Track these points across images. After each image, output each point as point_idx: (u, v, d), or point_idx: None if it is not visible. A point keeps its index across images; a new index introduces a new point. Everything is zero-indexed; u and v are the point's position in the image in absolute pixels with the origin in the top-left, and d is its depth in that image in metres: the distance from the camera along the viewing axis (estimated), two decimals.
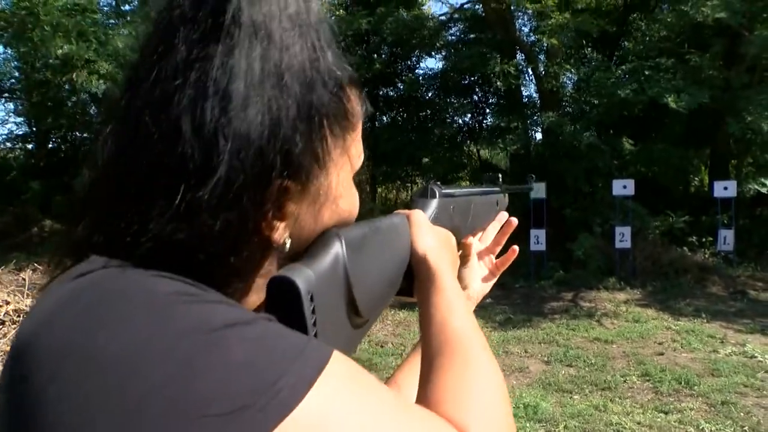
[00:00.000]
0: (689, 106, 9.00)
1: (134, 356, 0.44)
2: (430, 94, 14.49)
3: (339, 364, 0.51)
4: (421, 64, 18.59)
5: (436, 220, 0.88)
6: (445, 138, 13.90)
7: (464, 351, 0.67)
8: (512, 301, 8.67)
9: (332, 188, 0.64)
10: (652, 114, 10.69)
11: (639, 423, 4.44)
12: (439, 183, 0.96)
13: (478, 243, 1.12)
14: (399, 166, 14.05)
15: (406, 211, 0.84)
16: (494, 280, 1.12)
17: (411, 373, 0.93)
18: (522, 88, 12.71)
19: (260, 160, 0.53)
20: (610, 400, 4.89)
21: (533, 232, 9.59)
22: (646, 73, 9.76)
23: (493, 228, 1.16)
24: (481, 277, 1.10)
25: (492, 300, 8.71)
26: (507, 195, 1.22)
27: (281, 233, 0.59)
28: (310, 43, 0.58)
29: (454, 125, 14.34)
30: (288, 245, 0.60)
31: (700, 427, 4.37)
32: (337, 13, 14.15)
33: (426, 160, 14.37)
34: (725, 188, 9.35)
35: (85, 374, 0.44)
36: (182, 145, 0.52)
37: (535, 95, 13.27)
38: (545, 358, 6.08)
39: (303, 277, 0.57)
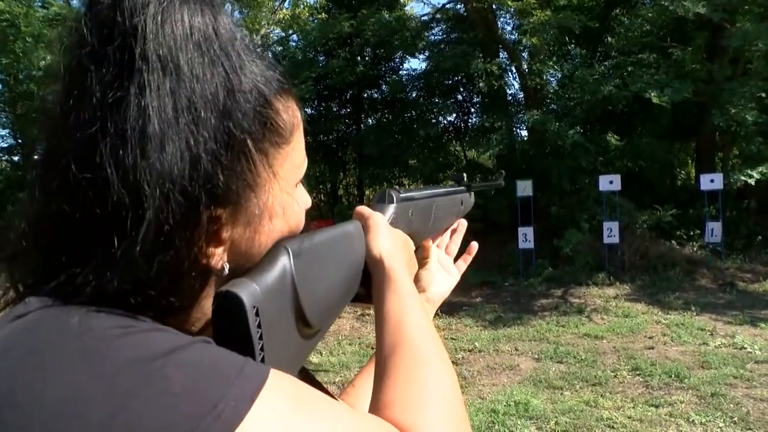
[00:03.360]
0: (672, 100, 9.06)
1: (74, 401, 0.44)
2: (414, 95, 14.51)
3: (277, 381, 0.51)
4: (405, 65, 18.66)
5: (394, 225, 0.88)
6: (430, 139, 13.93)
7: (417, 352, 0.67)
8: (502, 300, 8.68)
9: (268, 207, 0.62)
10: (637, 109, 10.74)
11: (630, 417, 4.45)
12: (397, 188, 0.96)
13: (436, 248, 1.11)
14: (385, 168, 14.05)
15: (365, 213, 0.84)
16: (455, 282, 1.10)
17: (369, 376, 0.93)
18: (506, 87, 12.75)
19: (185, 198, 0.53)
20: (601, 396, 4.90)
21: (521, 230, 9.63)
22: (629, 68, 9.84)
23: (451, 231, 1.16)
24: (440, 280, 1.09)
25: (482, 299, 8.74)
26: (473, 194, 1.21)
27: (218, 259, 0.59)
28: (221, 68, 0.56)
29: (439, 126, 14.36)
30: (227, 269, 0.60)
31: (691, 420, 4.38)
32: (319, 17, 14.19)
33: (412, 161, 14.38)
34: (712, 181, 9.41)
35: (26, 424, 0.44)
36: (111, 193, 0.51)
37: (519, 93, 13.33)
38: (536, 356, 6.09)
39: (247, 291, 0.57)
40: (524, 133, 12.74)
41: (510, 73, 12.75)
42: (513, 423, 4.38)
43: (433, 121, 14.24)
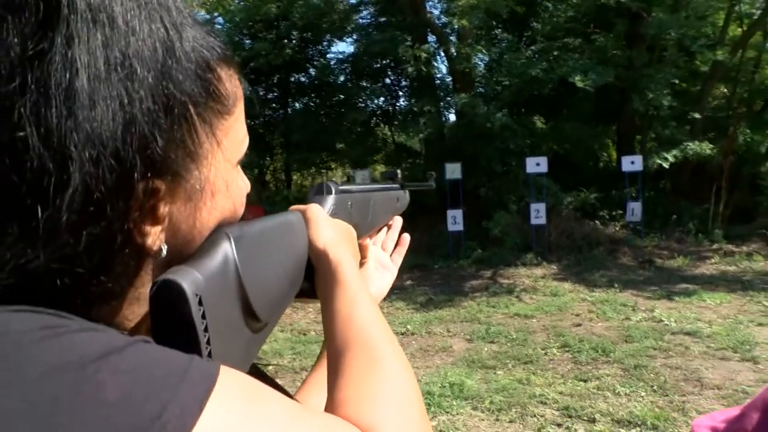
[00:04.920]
0: (596, 84, 9.40)
1: None
2: (342, 79, 14.46)
3: (228, 380, 0.47)
4: (333, 49, 18.55)
5: (335, 217, 0.85)
6: (358, 123, 13.92)
7: (370, 347, 0.65)
8: (433, 282, 8.82)
9: (210, 182, 0.58)
10: (562, 92, 11.07)
11: (561, 393, 4.62)
12: (335, 180, 0.94)
13: (373, 246, 1.08)
14: (313, 152, 13.97)
15: (302, 207, 0.80)
16: (393, 278, 1.08)
17: (321, 373, 0.92)
18: (434, 71, 12.86)
19: (118, 162, 0.47)
20: (533, 373, 5.07)
21: (450, 212, 9.77)
22: (555, 53, 10.12)
23: (387, 227, 1.14)
24: (379, 278, 1.06)
25: (413, 281, 8.85)
26: (408, 191, 1.20)
27: (155, 239, 0.53)
28: (159, 23, 0.52)
29: (368, 110, 14.37)
30: (164, 251, 0.55)
31: (617, 392, 4.60)
32: None
33: (340, 145, 14.36)
34: (632, 163, 9.83)
35: None
36: (31, 158, 0.45)
37: (447, 77, 13.47)
38: (468, 336, 6.23)
39: (188, 278, 0.52)
40: (452, 116, 12.93)
41: (438, 57, 12.87)
42: (449, 404, 4.48)
43: (362, 105, 14.25)
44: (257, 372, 0.71)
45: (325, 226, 0.78)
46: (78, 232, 0.47)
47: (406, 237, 1.14)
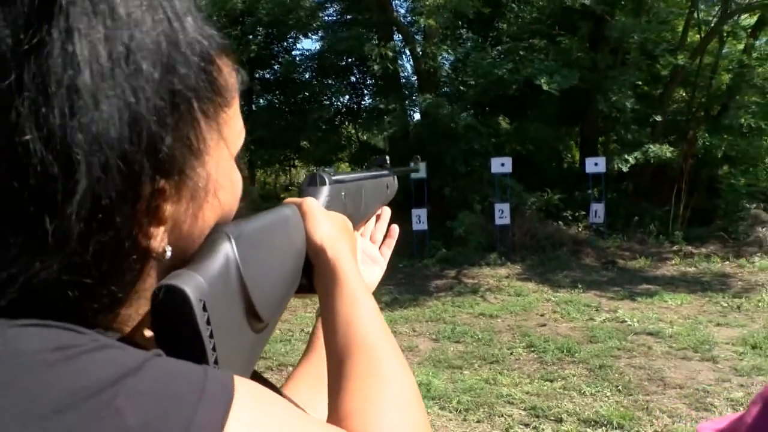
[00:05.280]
0: (561, 87, 9.50)
1: None
2: (307, 76, 14.39)
3: (243, 392, 0.46)
4: (298, 46, 18.44)
5: (329, 209, 0.83)
6: (323, 120, 13.87)
7: (372, 355, 0.63)
8: (397, 281, 8.81)
9: (213, 178, 0.55)
10: (527, 93, 11.17)
11: (527, 393, 4.65)
12: (327, 169, 0.90)
13: (361, 238, 1.05)
14: (277, 149, 13.87)
15: (297, 200, 0.77)
16: (382, 271, 1.05)
17: (310, 369, 0.91)
18: (400, 69, 12.85)
19: (126, 165, 0.45)
20: (499, 373, 5.09)
21: (414, 211, 9.77)
22: (521, 53, 10.19)
23: (375, 217, 1.11)
24: (368, 272, 1.02)
25: None
26: (396, 178, 1.18)
27: (160, 240, 0.51)
28: (162, 14, 0.49)
29: (333, 107, 14.32)
30: (169, 253, 0.52)
31: (582, 391, 4.64)
32: None
33: (305, 143, 14.28)
34: (596, 164, 9.96)
35: None
36: (33, 162, 0.41)
37: (413, 76, 13.48)
38: (433, 336, 6.23)
39: (192, 283, 0.50)
40: (417, 115, 12.94)
41: (404, 56, 12.88)
42: None
43: (326, 102, 14.20)
44: (259, 378, 0.68)
45: (322, 220, 0.75)
46: (86, 241, 0.44)
47: (395, 228, 1.11)
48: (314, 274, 0.73)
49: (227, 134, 0.57)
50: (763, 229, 10.04)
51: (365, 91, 14.91)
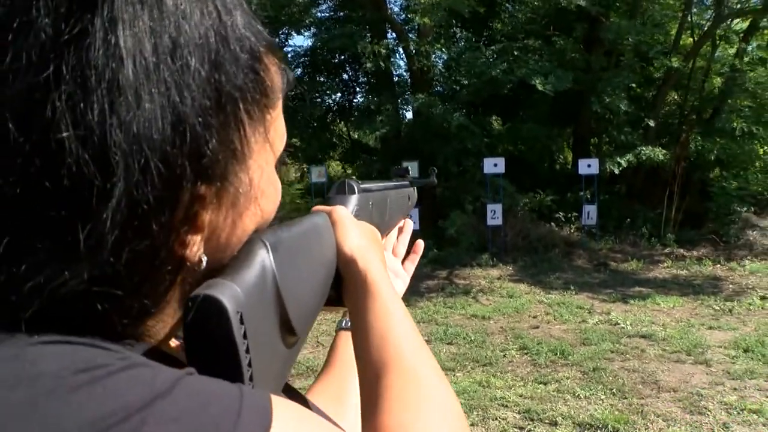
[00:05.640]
0: (556, 88, 9.51)
1: None
2: (298, 73, 14.29)
3: (280, 413, 0.44)
4: (290, 42, 18.32)
5: (357, 218, 0.81)
6: (314, 118, 13.79)
7: (411, 371, 0.60)
8: None
9: (255, 184, 0.52)
10: (519, 93, 11.18)
11: (521, 395, 4.64)
12: (354, 177, 0.90)
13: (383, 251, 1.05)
14: None
15: (327, 208, 0.75)
16: (405, 287, 1.03)
17: (328, 385, 0.89)
18: (393, 68, 12.82)
19: (167, 168, 0.42)
20: (493, 376, 5.07)
21: None
22: (515, 53, 10.20)
23: (398, 229, 1.10)
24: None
25: None
26: (416, 189, 1.17)
27: (196, 249, 0.48)
28: (212, 6, 0.46)
29: (324, 105, 14.25)
30: (204, 262, 0.49)
31: (576, 394, 4.64)
32: None
33: (296, 140, 14.20)
34: (589, 166, 10.00)
35: None
36: (68, 161, 0.39)
37: (405, 74, 13.46)
38: (425, 337, 6.16)
39: (229, 293, 0.47)
40: (410, 114, 12.92)
41: (397, 54, 12.85)
42: None
43: (318, 100, 14.11)
44: (293, 392, 0.66)
45: (352, 229, 0.73)
46: (119, 249, 0.41)
47: (421, 244, 1.09)
48: (343, 286, 0.71)
49: (272, 138, 0.55)
50: (754, 232, 10.12)
51: (357, 89, 14.86)
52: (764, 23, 10.79)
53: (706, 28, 10.93)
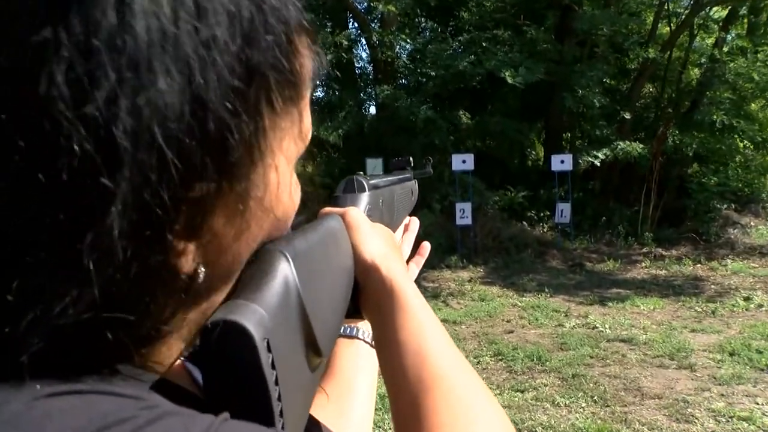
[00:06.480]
0: (526, 81, 9.47)
1: None
2: None
3: None
4: None
5: (369, 218, 0.75)
6: None
7: (454, 388, 0.56)
8: None
9: (270, 188, 0.45)
10: (487, 86, 11.13)
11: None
12: (362, 173, 0.84)
13: None
14: None
15: (338, 210, 0.70)
16: None
17: (326, 407, 0.84)
18: (355, 60, 12.72)
19: (184, 163, 0.36)
20: None
21: None
22: (484, 44, 10.15)
23: (404, 227, 1.07)
24: None
25: None
26: (417, 182, 1.14)
27: (191, 259, 0.41)
28: None
29: None
30: (201, 276, 0.42)
31: (556, 403, 4.54)
32: None
33: None
34: (562, 161, 9.98)
35: None
36: (66, 147, 0.32)
37: (368, 66, 13.36)
38: None
39: (254, 318, 0.42)
40: (373, 109, 12.82)
41: (359, 45, 12.74)
42: (381, 417, 4.30)
43: None
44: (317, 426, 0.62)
45: (371, 234, 0.69)
46: (128, 264, 0.35)
47: (427, 246, 1.05)
48: (363, 296, 0.67)
49: (296, 133, 0.48)
50: (735, 230, 10.21)
51: (318, 83, 14.68)
52: (743, 11, 10.90)
53: (683, 17, 11.02)
